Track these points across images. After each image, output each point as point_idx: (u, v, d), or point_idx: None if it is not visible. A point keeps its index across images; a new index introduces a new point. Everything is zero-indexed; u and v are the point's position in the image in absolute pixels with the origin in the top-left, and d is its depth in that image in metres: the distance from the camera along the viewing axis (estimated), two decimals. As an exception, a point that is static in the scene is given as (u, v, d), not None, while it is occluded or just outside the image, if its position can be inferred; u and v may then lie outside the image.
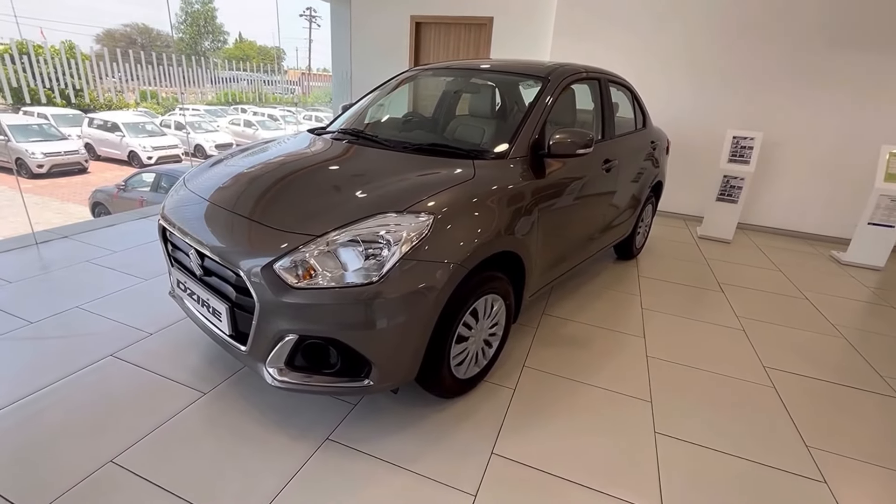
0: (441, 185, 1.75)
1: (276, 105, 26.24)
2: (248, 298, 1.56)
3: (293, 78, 39.95)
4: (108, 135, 15.24)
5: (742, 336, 2.78)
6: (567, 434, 1.86)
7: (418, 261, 1.53)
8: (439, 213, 1.62)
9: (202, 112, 20.41)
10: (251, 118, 19.51)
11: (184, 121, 17.37)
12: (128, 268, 3.01)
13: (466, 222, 1.71)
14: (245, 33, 43.58)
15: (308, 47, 38.65)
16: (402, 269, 1.50)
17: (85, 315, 2.44)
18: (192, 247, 1.73)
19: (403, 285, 1.50)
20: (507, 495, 1.56)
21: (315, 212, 1.63)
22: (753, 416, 2.06)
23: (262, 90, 30.30)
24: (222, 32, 34.95)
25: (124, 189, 8.66)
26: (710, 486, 1.66)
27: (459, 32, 5.88)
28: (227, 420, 1.80)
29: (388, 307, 1.50)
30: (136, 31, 34.18)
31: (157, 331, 2.34)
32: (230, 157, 2.28)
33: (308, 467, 1.61)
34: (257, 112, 21.47)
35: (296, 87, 35.62)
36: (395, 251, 1.50)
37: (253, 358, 1.65)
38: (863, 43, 4.22)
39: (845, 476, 1.76)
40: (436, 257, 1.57)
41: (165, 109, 20.92)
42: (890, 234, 4.00)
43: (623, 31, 4.92)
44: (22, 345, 2.16)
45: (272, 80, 35.61)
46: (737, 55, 4.59)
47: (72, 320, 2.38)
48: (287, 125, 20.46)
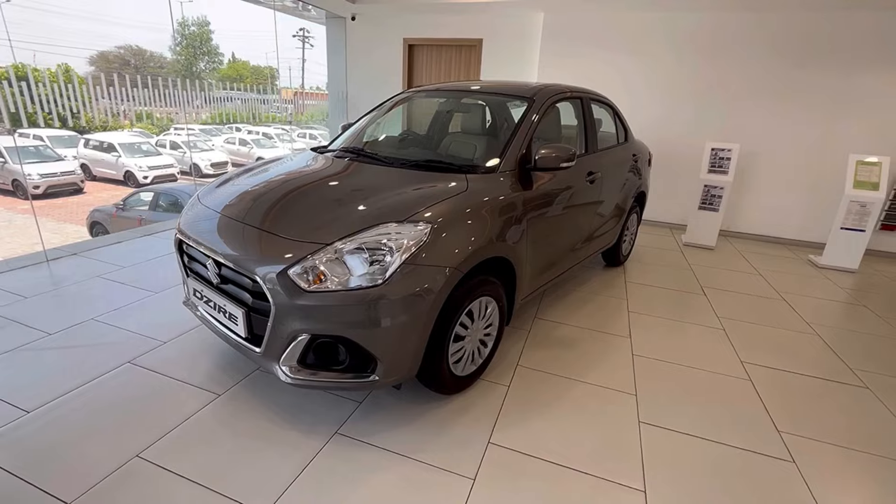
0: (437, 197, 1.93)
1: (270, 124, 26.60)
2: (264, 303, 1.71)
3: (287, 97, 40.50)
4: (103, 155, 15.39)
5: (722, 335, 2.95)
6: (558, 425, 2.01)
7: (418, 265, 1.70)
8: (436, 222, 1.79)
9: (196, 131, 20.67)
10: (246, 137, 19.76)
11: (179, 140, 17.59)
12: (137, 282, 3.14)
13: (461, 230, 1.88)
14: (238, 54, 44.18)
15: (301, 67, 39.29)
16: (403, 273, 1.67)
17: (100, 326, 2.56)
18: (209, 257, 1.89)
19: (405, 288, 1.67)
20: (503, 478, 1.70)
21: (323, 223, 1.80)
22: (730, 406, 2.22)
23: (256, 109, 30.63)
24: (217, 54, 35.46)
25: (123, 208, 8.78)
26: (688, 468, 1.81)
27: (450, 54, 6.15)
28: (242, 418, 1.93)
29: (392, 308, 1.66)
30: (129, 52, 34.60)
31: (170, 339, 2.47)
32: (241, 175, 2.45)
33: (319, 458, 1.74)
34: (252, 131, 21.77)
35: (289, 105, 36.09)
36: (396, 257, 1.67)
37: (267, 358, 1.79)
38: (825, 64, 4.52)
39: (812, 456, 1.92)
40: (433, 262, 1.74)
41: (160, 129, 21.18)
42: (861, 238, 4.23)
43: (605, 54, 5.20)
44: (44, 354, 2.28)
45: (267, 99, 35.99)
46: (713, 73, 4.87)
47: (88, 331, 2.51)
48: (282, 143, 20.73)
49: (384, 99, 6.69)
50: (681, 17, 4.85)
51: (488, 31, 5.79)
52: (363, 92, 6.65)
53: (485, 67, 5.93)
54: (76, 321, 2.59)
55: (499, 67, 5.84)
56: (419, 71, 6.36)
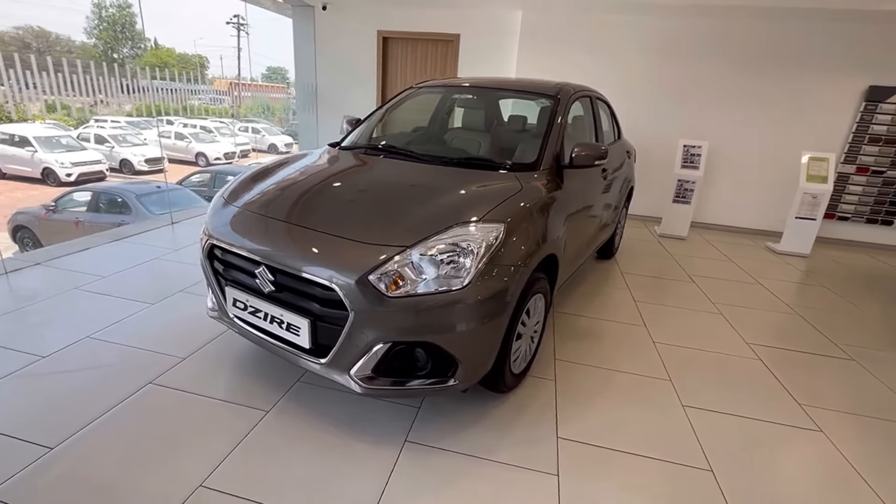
0: (499, 196, 1.92)
1: (206, 116, 24.76)
2: (338, 311, 1.62)
3: (221, 88, 37.94)
4: (14, 150, 13.61)
5: (721, 319, 3.19)
6: (613, 415, 2.07)
7: (496, 266, 1.68)
8: (506, 221, 1.78)
9: (123, 124, 18.84)
10: (182, 130, 18.30)
11: (105, 134, 15.93)
12: (126, 293, 2.83)
13: (527, 229, 1.88)
14: (162, 40, 40.58)
15: (237, 56, 37.01)
16: (483, 274, 1.64)
17: (101, 345, 2.29)
18: (260, 264, 1.75)
19: (486, 289, 1.64)
20: (584, 471, 1.73)
21: (396, 225, 1.73)
22: (752, 385, 2.41)
23: (188, 100, 28.47)
24: (142, 39, 32.47)
25: (54, 210, 7.85)
26: (738, 444, 1.95)
27: (426, 48, 6.07)
28: (301, 433, 1.81)
29: (475, 309, 1.63)
30: (30, 34, 30.75)
31: (188, 355, 2.26)
32: (267, 174, 2.28)
33: (399, 468, 1.68)
34: (188, 124, 20.18)
35: (225, 97, 33.81)
36: (477, 258, 1.64)
37: (333, 369, 1.70)
38: (779, 70, 4.98)
39: (834, 424, 2.13)
40: (509, 262, 1.73)
41: (79, 122, 19.06)
42: (813, 226, 4.72)
43: (582, 53, 5.37)
44: (46, 380, 2.00)
45: (197, 90, 33.63)
46: (683, 75, 5.20)
47: (89, 351, 2.23)
48: (223, 137, 19.42)
49: (357, 92, 6.43)
50: (652, 22, 5.12)
51: (466, 27, 5.78)
52: (334, 85, 6.40)
53: (462, 63, 5.92)
54: (70, 340, 2.30)
55: (476, 63, 5.85)
56: (394, 65, 6.23)
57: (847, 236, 5.36)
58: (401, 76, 6.26)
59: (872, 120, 4.94)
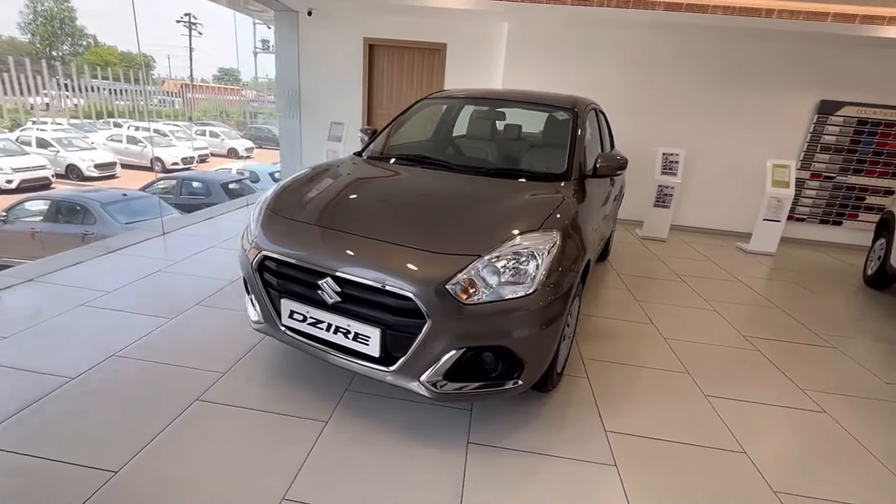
0: (550, 205, 2.03)
1: (157, 119, 23.45)
2: (409, 320, 1.67)
3: (172, 89, 36.08)
4: (-61, 154, 12.37)
5: (716, 315, 3.46)
6: (647, 408, 2.23)
7: (556, 271, 1.79)
8: (561, 229, 1.90)
9: (66, 126, 17.53)
10: (135, 134, 17.27)
11: (49, 137, 14.77)
12: (139, 308, 2.72)
13: (573, 236, 2.00)
14: (102, 38, 37.84)
15: (189, 56, 35.41)
16: (548, 278, 1.74)
17: (130, 363, 2.20)
18: (326, 276, 1.77)
19: (551, 293, 1.75)
20: (640, 461, 1.87)
21: (463, 234, 1.80)
22: (757, 373, 2.65)
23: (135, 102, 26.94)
24: (84, 36, 30.37)
25: (5, 220, 7.25)
26: (762, 427, 2.15)
27: (413, 57, 6.14)
28: (367, 441, 1.84)
29: (541, 313, 1.73)
30: (-54, 27, 28.00)
31: (227, 369, 2.22)
32: (310, 184, 2.29)
33: (471, 470, 1.74)
34: (139, 127, 19.06)
35: (176, 98, 32.17)
36: (542, 263, 1.74)
37: (403, 376, 1.74)
38: (745, 84, 5.43)
39: (833, 405, 2.39)
40: (565, 267, 1.84)
41: (14, 123, 17.57)
42: (778, 227, 5.18)
43: (566, 65, 5.63)
44: (83, 402, 1.91)
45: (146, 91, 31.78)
46: (662, 87, 5.56)
47: (119, 369, 2.14)
48: (179, 141, 18.49)
49: (342, 98, 6.40)
50: (630, 37, 5.44)
51: (452, 37, 5.90)
52: (318, 91, 6.33)
53: (449, 73, 6.03)
54: (95, 360, 2.19)
55: (463, 73, 5.98)
56: (380, 72, 6.25)
57: (804, 236, 5.90)
58: (387, 84, 6.29)
59: (824, 130, 5.48)
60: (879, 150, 5.47)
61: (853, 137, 5.46)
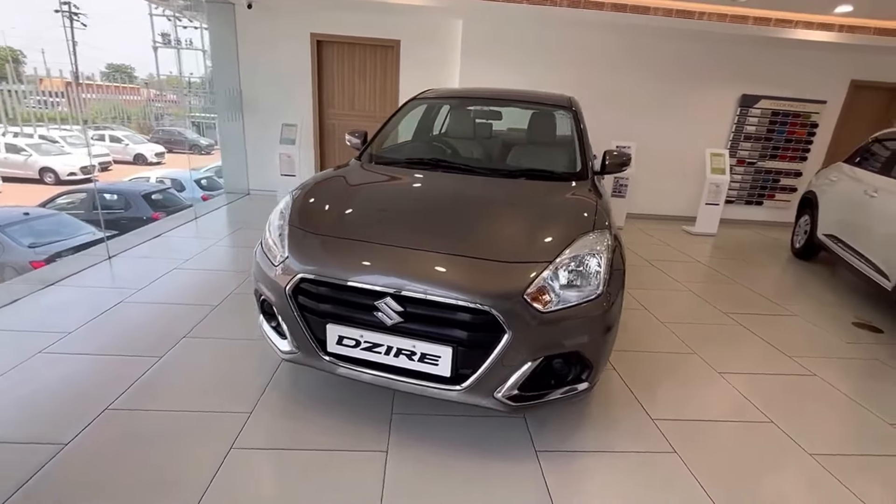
0: (590, 205, 2.05)
1: (39, 123, 20.30)
2: (482, 335, 1.60)
3: (53, 87, 31.48)
4: None
5: (692, 295, 3.74)
6: (675, 391, 2.35)
7: (613, 271, 1.81)
8: (608, 228, 1.92)
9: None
10: (16, 141, 14.79)
11: None
12: (115, 349, 2.34)
13: (615, 235, 2.04)
14: (-46, 28, 31.51)
15: (72, 50, 31.13)
16: (610, 279, 1.76)
17: (129, 416, 1.89)
18: (385, 296, 1.63)
19: (613, 293, 1.77)
20: (692, 443, 1.96)
21: (524, 241, 1.75)
22: (749, 346, 2.91)
23: (4, 104, 23.53)
24: (-69, 26, 25.35)
25: None
26: (774, 396, 2.36)
27: (365, 54, 5.91)
28: (436, 464, 1.74)
29: (609, 314, 1.74)
30: None
31: (252, 407, 1.99)
32: (329, 196, 2.12)
33: (551, 478, 1.72)
34: (18, 133, 16.36)
35: (59, 98, 28.20)
36: (603, 264, 1.75)
37: (474, 394, 1.67)
38: (681, 80, 5.91)
39: (819, 367, 2.68)
40: (617, 265, 1.87)
41: None
42: (718, 210, 5.73)
43: (522, 63, 5.74)
44: (87, 474, 1.60)
45: (14, 91, 27.91)
46: (611, 83, 5.86)
47: (121, 427, 1.83)
48: (73, 148, 16.15)
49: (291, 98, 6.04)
50: (579, 37, 5.67)
51: (406, 33, 5.75)
52: (263, 90, 5.86)
53: (404, 70, 5.89)
54: (88, 418, 1.85)
55: (419, 71, 5.87)
56: (330, 70, 5.94)
57: (733, 216, 6.58)
58: (338, 82, 6.00)
59: (745, 122, 6.14)
60: (790, 138, 6.24)
61: (769, 127, 6.17)
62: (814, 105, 6.10)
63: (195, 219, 4.87)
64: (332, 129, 6.17)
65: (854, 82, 6.05)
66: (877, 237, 3.54)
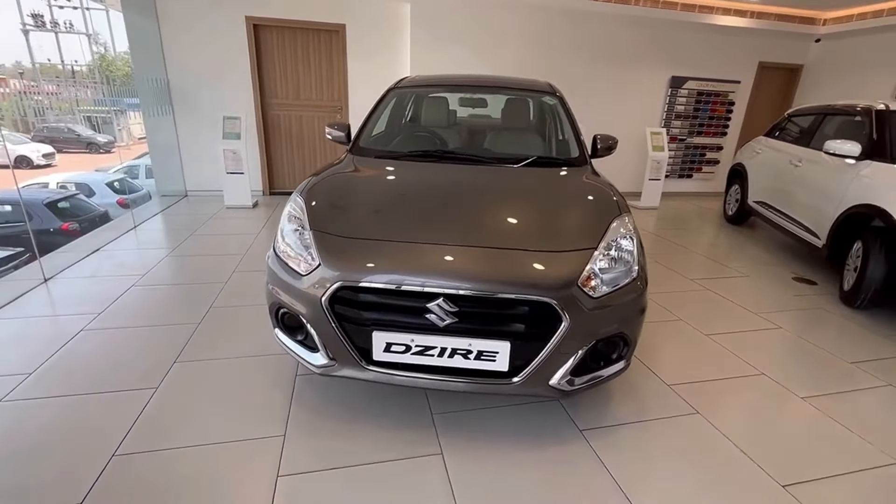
0: (606, 190, 2.13)
1: None
2: (540, 326, 1.61)
3: None
4: None
5: (658, 265, 4.03)
6: (676, 356, 2.54)
7: (641, 251, 1.90)
8: (629, 211, 2.00)
9: None
10: None
11: None
12: (99, 386, 2.05)
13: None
14: None
15: (-88, 35, 26.01)
16: (642, 259, 1.85)
17: (145, 459, 1.67)
18: (438, 296, 1.58)
19: (645, 273, 1.85)
20: (709, 404, 2.14)
21: (564, 228, 1.79)
22: (720, 308, 3.21)
23: None
24: None
25: None
26: (755, 350, 2.64)
27: (308, 39, 5.55)
28: (495, 460, 1.74)
29: (643, 293, 1.82)
30: None
31: (285, 429, 1.85)
32: (347, 194, 1.99)
33: (603, 453, 1.79)
34: None
35: None
36: (636, 246, 1.83)
37: (529, 385, 1.69)
38: (622, 63, 6.25)
39: (783, 322, 3.04)
40: (640, 244, 1.96)
41: None
42: (659, 185, 6.19)
43: (472, 48, 5.72)
44: (132, 527, 1.40)
45: None
46: (562, 67, 6.03)
47: (140, 470, 1.62)
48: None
49: (227, 88, 5.60)
50: (525, 20, 5.76)
51: (351, 17, 5.48)
52: (195, 80, 5.30)
53: (351, 56, 5.62)
54: (95, 469, 1.61)
55: (368, 56, 5.64)
56: (270, 56, 5.51)
57: (669, 189, 7.15)
58: (280, 70, 5.59)
59: (675, 102, 6.66)
60: (712, 116, 6.88)
61: (695, 106, 6.75)
62: (730, 85, 6.76)
63: (134, 228, 4.34)
64: (278, 121, 5.76)
65: (761, 63, 6.78)
66: (805, 202, 4.04)
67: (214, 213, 4.95)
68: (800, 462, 1.82)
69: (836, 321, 3.12)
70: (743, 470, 1.77)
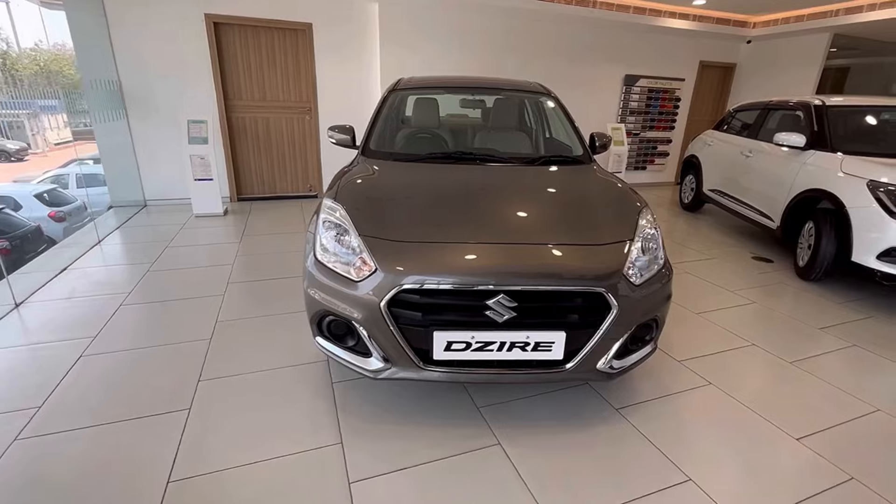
0: (623, 184, 2.28)
1: None
2: (592, 315, 1.73)
3: None
4: None
5: (637, 253, 4.32)
6: (680, 334, 2.77)
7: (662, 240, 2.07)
8: (647, 203, 2.17)
9: None
10: None
11: None
12: (122, 413, 1.93)
13: (644, 209, 2.31)
14: None
15: None
16: (665, 249, 2.01)
17: (203, 484, 1.61)
18: (498, 293, 1.65)
19: (668, 261, 2.02)
20: (715, 374, 2.36)
21: (600, 221, 1.93)
22: (703, 288, 3.52)
23: None
24: None
25: None
26: (743, 324, 2.93)
27: (273, 38, 5.34)
28: (551, 444, 1.84)
29: (670, 279, 1.99)
30: None
31: (341, 437, 1.84)
32: (382, 198, 2.01)
33: (645, 428, 1.94)
34: None
35: None
36: (661, 236, 1.99)
37: (579, 371, 1.80)
38: (583, 62, 6.56)
39: (757, 298, 3.39)
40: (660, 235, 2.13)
41: None
42: (621, 178, 6.58)
43: (438, 47, 5.78)
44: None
45: None
46: (523, 65, 6.23)
47: (202, 496, 1.55)
48: None
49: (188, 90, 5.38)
50: (491, 22, 5.90)
51: (318, 16, 5.35)
52: (151, 82, 4.95)
53: (319, 56, 5.49)
54: (153, 493, 1.52)
55: (336, 56, 5.54)
56: (233, 56, 5.25)
57: (627, 181, 7.61)
58: (244, 71, 5.35)
59: (630, 98, 7.10)
60: (662, 111, 7.40)
61: (647, 102, 7.23)
62: (677, 82, 7.30)
63: (99, 243, 4.02)
64: (243, 124, 5.51)
65: (702, 62, 7.38)
66: (758, 189, 4.49)
67: (184, 223, 4.67)
68: (804, 418, 2.07)
69: (797, 293, 3.52)
70: (763, 429, 1.99)
